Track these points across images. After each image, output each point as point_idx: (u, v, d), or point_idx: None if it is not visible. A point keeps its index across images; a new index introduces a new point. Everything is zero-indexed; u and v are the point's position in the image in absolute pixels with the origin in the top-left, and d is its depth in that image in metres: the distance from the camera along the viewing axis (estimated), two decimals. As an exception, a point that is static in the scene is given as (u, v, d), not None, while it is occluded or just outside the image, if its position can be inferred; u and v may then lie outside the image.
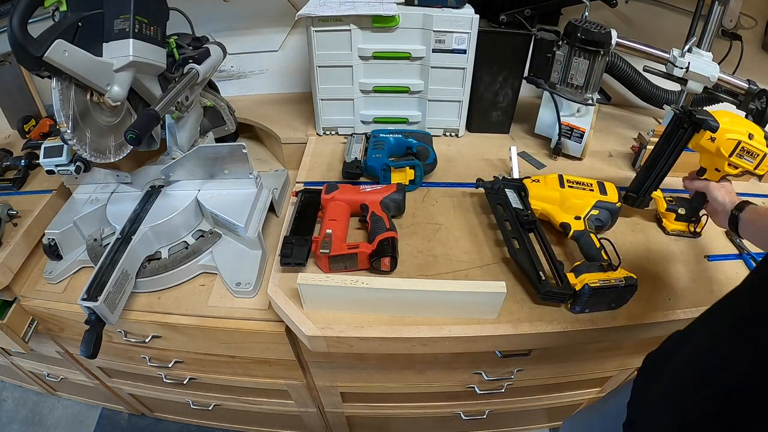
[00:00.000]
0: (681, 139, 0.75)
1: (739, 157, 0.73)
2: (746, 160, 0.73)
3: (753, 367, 0.36)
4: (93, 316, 0.67)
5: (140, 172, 0.94)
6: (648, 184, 0.81)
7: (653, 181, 0.80)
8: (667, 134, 0.77)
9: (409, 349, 0.71)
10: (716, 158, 0.75)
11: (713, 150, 0.73)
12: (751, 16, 1.08)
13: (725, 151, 0.73)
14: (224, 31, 1.16)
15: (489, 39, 0.98)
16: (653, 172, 0.80)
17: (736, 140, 0.72)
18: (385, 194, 0.83)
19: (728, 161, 0.73)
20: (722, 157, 0.74)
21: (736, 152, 0.73)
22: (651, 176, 0.80)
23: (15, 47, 0.60)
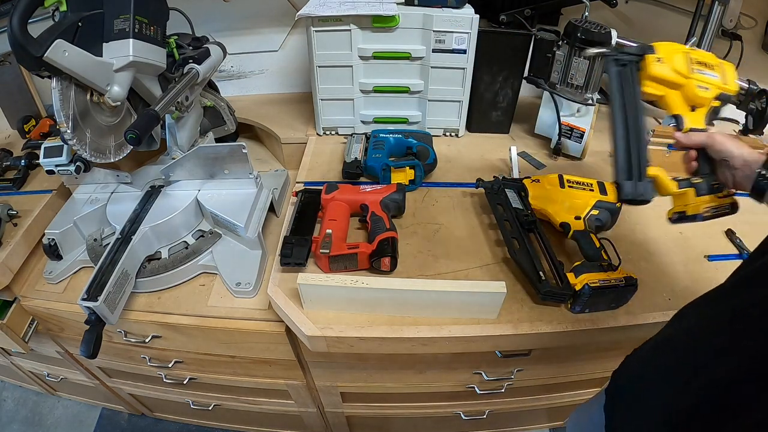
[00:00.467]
0: (632, 80, 0.62)
1: (700, 72, 0.61)
2: (708, 75, 0.62)
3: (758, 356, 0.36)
4: (93, 316, 0.67)
5: (140, 172, 0.94)
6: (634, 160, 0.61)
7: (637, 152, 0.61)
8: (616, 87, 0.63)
9: (409, 349, 0.71)
10: (680, 82, 0.62)
11: (671, 73, 0.61)
12: (751, 16, 1.08)
13: (682, 66, 0.61)
14: (224, 31, 1.16)
15: (489, 39, 0.98)
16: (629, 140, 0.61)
17: (683, 51, 0.62)
18: (385, 194, 0.83)
19: (693, 79, 0.61)
20: (685, 76, 0.61)
21: (693, 66, 0.61)
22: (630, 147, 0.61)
23: (15, 47, 0.60)
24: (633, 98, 0.61)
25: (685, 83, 0.62)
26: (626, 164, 0.60)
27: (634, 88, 0.62)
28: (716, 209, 0.61)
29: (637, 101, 0.61)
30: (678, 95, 0.63)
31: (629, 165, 0.60)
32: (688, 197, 0.61)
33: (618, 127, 0.61)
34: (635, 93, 0.61)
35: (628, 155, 0.60)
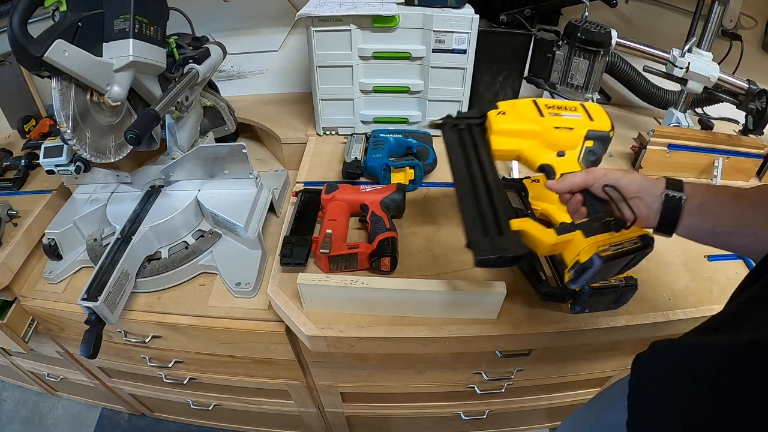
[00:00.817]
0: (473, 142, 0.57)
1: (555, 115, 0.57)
2: (567, 116, 0.57)
3: None
4: (93, 316, 0.67)
5: (140, 172, 0.94)
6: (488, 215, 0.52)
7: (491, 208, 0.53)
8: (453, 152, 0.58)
9: (409, 349, 0.71)
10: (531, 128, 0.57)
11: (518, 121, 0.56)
12: (751, 16, 1.08)
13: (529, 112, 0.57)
14: (224, 31, 1.16)
15: (489, 39, 0.98)
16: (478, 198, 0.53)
17: (530, 100, 0.59)
18: (385, 194, 0.83)
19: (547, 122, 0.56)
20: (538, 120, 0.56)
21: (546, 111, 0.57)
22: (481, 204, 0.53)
23: (15, 47, 0.60)
24: (476, 157, 0.56)
25: (539, 129, 0.57)
26: (478, 218, 0.51)
27: (477, 148, 0.57)
28: (618, 246, 0.48)
29: (484, 159, 0.56)
30: (536, 144, 0.57)
31: (482, 219, 0.51)
32: (575, 243, 0.48)
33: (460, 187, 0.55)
34: (479, 152, 0.57)
35: (479, 211, 0.52)
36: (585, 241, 0.48)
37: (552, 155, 0.57)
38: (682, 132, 0.98)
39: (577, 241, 0.48)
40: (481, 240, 0.49)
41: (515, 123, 0.58)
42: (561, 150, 0.57)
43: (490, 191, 0.54)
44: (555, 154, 0.57)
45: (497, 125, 0.57)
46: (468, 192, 0.54)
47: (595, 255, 0.46)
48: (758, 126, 0.96)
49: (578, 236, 0.48)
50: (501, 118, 0.58)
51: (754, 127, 0.97)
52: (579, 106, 0.60)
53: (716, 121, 1.09)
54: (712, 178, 0.98)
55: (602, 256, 0.46)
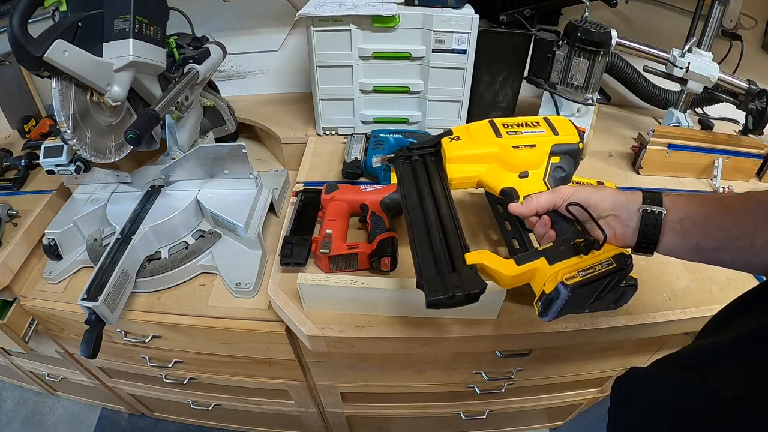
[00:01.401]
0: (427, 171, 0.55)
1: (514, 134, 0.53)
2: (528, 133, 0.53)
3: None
4: (93, 316, 0.67)
5: (140, 172, 0.94)
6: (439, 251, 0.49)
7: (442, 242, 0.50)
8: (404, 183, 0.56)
9: (409, 349, 0.71)
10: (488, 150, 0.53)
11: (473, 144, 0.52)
12: (751, 16, 1.08)
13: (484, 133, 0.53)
14: (224, 31, 1.16)
15: (489, 39, 0.98)
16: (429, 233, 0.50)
17: (485, 121, 0.55)
18: (385, 194, 0.83)
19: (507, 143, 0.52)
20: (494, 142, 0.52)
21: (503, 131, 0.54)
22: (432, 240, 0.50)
23: (15, 47, 0.60)
24: (429, 189, 0.53)
25: (497, 150, 0.53)
26: (430, 256, 0.47)
27: (431, 179, 0.54)
28: (589, 270, 0.43)
29: (437, 191, 0.53)
30: (496, 167, 0.53)
31: (434, 257, 0.47)
32: (540, 272, 0.44)
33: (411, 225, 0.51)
34: (433, 184, 0.54)
35: (431, 247, 0.48)
36: (550, 268, 0.43)
37: (514, 177, 0.53)
38: (682, 132, 0.98)
39: (541, 269, 0.44)
40: (432, 280, 0.45)
41: (470, 148, 0.54)
42: (524, 170, 0.53)
43: (444, 225, 0.50)
44: (517, 176, 0.53)
45: (451, 152, 0.54)
46: (420, 228, 0.50)
47: (560, 284, 0.41)
48: (758, 126, 0.96)
49: (542, 264, 0.44)
50: (454, 144, 0.55)
51: (754, 127, 0.97)
52: (541, 121, 0.56)
53: (716, 121, 1.09)
54: (712, 178, 0.98)
55: (568, 284, 0.41)
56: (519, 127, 0.55)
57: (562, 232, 0.47)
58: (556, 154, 0.53)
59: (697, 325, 0.74)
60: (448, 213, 0.51)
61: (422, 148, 0.58)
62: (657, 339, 0.83)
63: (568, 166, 0.54)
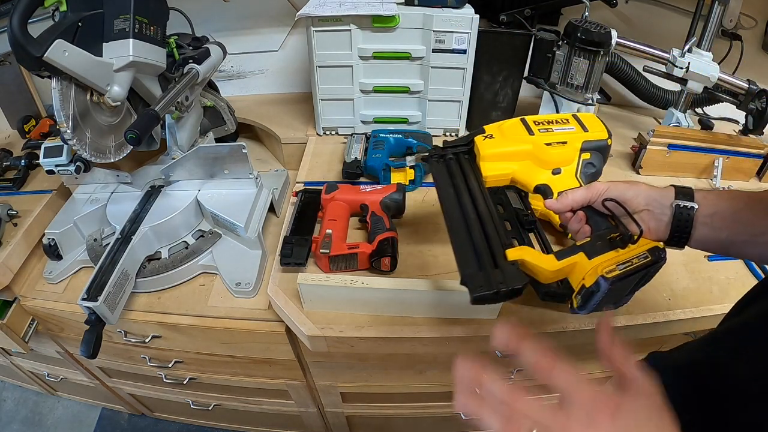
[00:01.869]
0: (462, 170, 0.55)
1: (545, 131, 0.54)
2: (559, 130, 0.54)
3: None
4: (93, 316, 0.67)
5: (140, 172, 0.94)
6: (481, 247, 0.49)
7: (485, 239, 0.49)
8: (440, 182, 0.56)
9: (409, 349, 0.71)
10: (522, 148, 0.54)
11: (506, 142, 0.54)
12: (751, 16, 1.08)
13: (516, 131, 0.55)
14: (224, 31, 1.16)
15: (489, 39, 0.98)
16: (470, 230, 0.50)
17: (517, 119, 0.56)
18: (385, 194, 0.83)
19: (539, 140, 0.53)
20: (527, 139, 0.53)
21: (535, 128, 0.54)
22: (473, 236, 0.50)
23: (15, 47, 0.60)
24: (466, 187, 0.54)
25: (530, 148, 0.54)
26: (471, 253, 0.47)
27: (467, 177, 0.55)
28: (626, 264, 0.44)
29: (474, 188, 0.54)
30: (529, 164, 0.54)
31: (476, 254, 0.47)
32: (579, 266, 0.45)
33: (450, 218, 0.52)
34: (469, 182, 0.54)
35: (472, 245, 0.48)
36: (589, 263, 0.44)
37: (547, 174, 0.54)
38: (682, 132, 0.98)
39: (581, 264, 0.45)
40: (476, 275, 0.46)
41: (504, 145, 0.55)
42: (556, 167, 0.54)
43: (483, 222, 0.50)
44: (550, 173, 0.54)
45: (485, 150, 0.54)
46: (459, 226, 0.50)
47: (600, 277, 0.43)
48: (758, 126, 0.96)
49: (581, 259, 0.45)
50: (488, 142, 0.55)
51: (754, 127, 0.97)
52: (571, 118, 0.56)
53: (716, 121, 1.09)
54: (712, 178, 0.98)
55: (608, 277, 0.42)
56: (550, 124, 0.55)
57: (597, 227, 0.48)
58: (587, 151, 0.54)
59: (697, 326, 0.74)
60: (486, 210, 0.51)
61: (455, 146, 0.58)
62: (657, 339, 0.83)
63: (598, 162, 0.55)
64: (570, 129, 0.55)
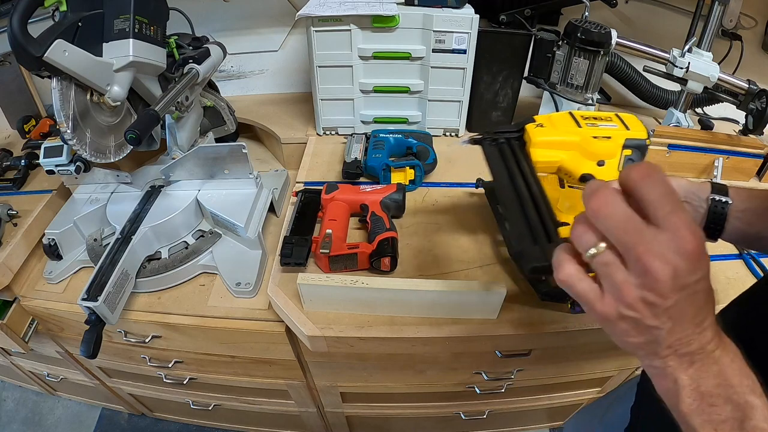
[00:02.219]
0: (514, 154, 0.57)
1: (592, 125, 0.58)
2: (604, 126, 0.58)
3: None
4: (93, 316, 0.67)
5: (140, 172, 0.94)
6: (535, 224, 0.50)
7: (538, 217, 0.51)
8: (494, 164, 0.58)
9: (409, 349, 0.71)
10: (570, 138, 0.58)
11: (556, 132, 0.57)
12: (751, 16, 1.08)
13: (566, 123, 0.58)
14: (224, 31, 1.16)
15: (489, 39, 0.98)
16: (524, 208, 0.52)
17: (566, 112, 0.60)
18: (385, 194, 0.83)
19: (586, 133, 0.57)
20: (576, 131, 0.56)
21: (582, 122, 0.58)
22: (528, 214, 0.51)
23: (15, 47, 0.60)
24: (518, 169, 0.56)
25: (578, 139, 0.57)
26: (526, 228, 0.50)
27: (519, 160, 0.57)
28: None
29: (526, 171, 0.56)
30: (576, 154, 0.58)
31: (530, 227, 0.49)
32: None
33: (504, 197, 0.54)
34: (521, 164, 0.56)
35: (527, 221, 0.50)
36: None
37: (592, 165, 0.57)
38: (682, 132, 0.98)
39: None
40: (531, 249, 0.48)
41: (554, 134, 0.58)
42: (601, 159, 0.57)
43: (536, 202, 0.52)
44: (595, 164, 0.58)
45: (536, 137, 0.57)
46: (514, 203, 0.53)
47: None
48: (758, 126, 0.96)
49: None
50: (540, 130, 0.58)
51: (754, 127, 0.97)
52: (614, 117, 0.61)
53: (716, 121, 1.09)
54: (712, 178, 0.98)
55: None
56: (595, 120, 0.59)
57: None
58: (628, 147, 0.58)
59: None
60: (538, 192, 0.53)
61: (506, 132, 0.60)
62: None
63: (638, 159, 0.58)
64: (614, 126, 0.59)
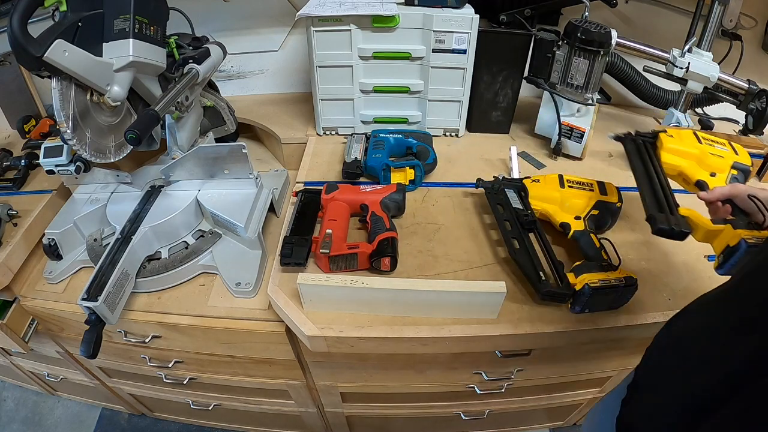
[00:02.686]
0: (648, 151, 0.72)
1: (710, 144, 0.72)
2: (719, 147, 0.72)
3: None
4: (93, 316, 0.67)
5: (140, 172, 0.94)
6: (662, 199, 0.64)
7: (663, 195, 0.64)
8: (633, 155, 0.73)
9: (409, 349, 0.71)
10: (692, 150, 0.71)
11: (682, 143, 0.71)
12: (751, 16, 1.08)
13: (691, 138, 0.71)
14: (224, 31, 1.16)
15: (489, 39, 0.98)
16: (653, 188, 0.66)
17: (690, 130, 0.74)
18: (385, 194, 0.83)
19: (705, 149, 0.71)
20: (697, 146, 0.71)
21: (703, 140, 0.72)
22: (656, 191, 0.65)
23: (15, 47, 0.60)
24: (650, 162, 0.70)
25: (698, 152, 0.72)
26: (654, 200, 0.63)
27: (651, 157, 0.72)
28: (758, 240, 0.56)
29: (656, 165, 0.70)
30: (694, 164, 0.72)
31: (657, 201, 0.63)
32: (727, 232, 0.58)
33: (640, 179, 0.69)
34: (653, 160, 0.71)
35: (654, 194, 0.64)
36: (733, 232, 0.57)
37: (706, 174, 0.71)
38: (682, 132, 0.98)
39: (726, 231, 0.57)
40: (658, 215, 0.60)
41: (680, 145, 0.72)
42: (713, 171, 0.71)
43: (662, 186, 0.66)
44: (708, 174, 0.71)
45: (667, 144, 0.72)
46: (647, 182, 0.67)
47: (742, 239, 0.55)
48: (758, 126, 0.96)
49: (728, 228, 0.58)
50: (670, 139, 0.73)
51: (754, 127, 0.97)
52: (726, 142, 0.75)
53: (716, 121, 1.10)
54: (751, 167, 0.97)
55: (749, 241, 0.54)
56: (713, 142, 0.74)
57: (737, 217, 0.61)
58: (735, 168, 0.72)
59: (697, 325, 0.74)
60: (665, 181, 0.68)
61: (643, 136, 0.75)
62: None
63: (741, 179, 0.73)
64: (726, 149, 0.74)
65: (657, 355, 0.54)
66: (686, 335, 0.50)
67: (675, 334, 0.52)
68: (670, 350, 0.51)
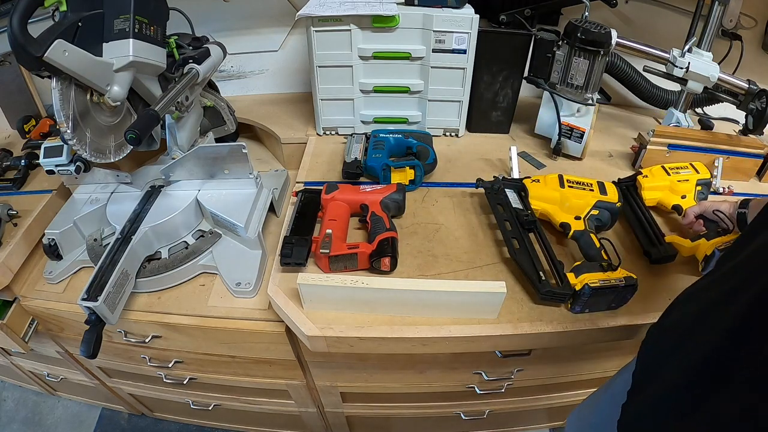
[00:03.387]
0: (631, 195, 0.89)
1: (676, 172, 0.90)
2: (684, 172, 0.90)
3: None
4: (93, 316, 0.67)
5: (140, 172, 0.94)
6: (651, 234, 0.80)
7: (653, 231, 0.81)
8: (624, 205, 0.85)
9: (409, 349, 0.71)
10: (665, 183, 0.88)
11: (656, 180, 0.88)
12: (751, 16, 1.08)
13: (662, 174, 0.89)
14: (224, 31, 1.16)
15: (489, 39, 0.98)
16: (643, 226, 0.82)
17: (659, 166, 0.91)
18: (385, 194, 0.83)
19: (674, 178, 0.88)
20: (667, 178, 0.88)
21: (671, 171, 0.90)
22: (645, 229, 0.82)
23: (15, 47, 0.60)
24: (635, 203, 0.87)
25: (669, 183, 0.88)
26: (646, 237, 0.80)
27: (634, 198, 0.89)
28: (726, 244, 0.71)
29: (639, 203, 0.87)
30: (668, 193, 0.88)
31: (648, 237, 0.80)
32: (702, 245, 0.74)
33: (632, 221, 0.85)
34: (636, 200, 0.88)
35: (645, 232, 0.81)
36: (708, 243, 0.73)
37: (678, 198, 0.87)
38: (682, 132, 0.98)
39: (702, 244, 0.73)
40: (652, 249, 0.77)
41: (655, 182, 0.89)
42: (683, 194, 0.87)
43: (650, 222, 0.83)
44: (680, 197, 0.87)
45: (645, 183, 0.88)
46: (637, 223, 0.84)
47: (716, 249, 0.71)
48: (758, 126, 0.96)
49: (703, 242, 0.73)
50: (646, 179, 0.89)
51: (754, 127, 0.97)
52: (688, 164, 0.92)
53: (716, 121, 1.09)
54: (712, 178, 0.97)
55: (720, 249, 0.70)
56: (678, 169, 0.91)
57: (710, 228, 0.76)
58: (699, 185, 0.89)
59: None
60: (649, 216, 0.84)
61: (625, 180, 0.93)
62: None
63: (706, 192, 0.90)
64: (689, 172, 0.90)
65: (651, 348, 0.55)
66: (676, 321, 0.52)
67: (666, 324, 0.54)
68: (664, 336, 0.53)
